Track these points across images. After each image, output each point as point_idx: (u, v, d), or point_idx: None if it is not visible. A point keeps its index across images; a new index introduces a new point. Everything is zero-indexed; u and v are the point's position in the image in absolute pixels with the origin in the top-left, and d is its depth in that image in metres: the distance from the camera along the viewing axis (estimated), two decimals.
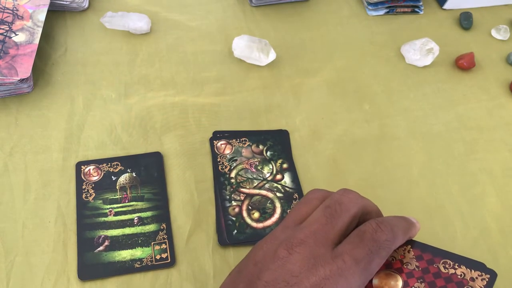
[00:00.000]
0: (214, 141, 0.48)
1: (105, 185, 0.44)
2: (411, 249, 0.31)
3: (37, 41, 0.49)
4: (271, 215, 0.44)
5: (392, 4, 0.61)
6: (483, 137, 0.51)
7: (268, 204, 0.44)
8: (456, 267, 0.29)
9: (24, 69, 0.47)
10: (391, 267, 0.30)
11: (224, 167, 0.46)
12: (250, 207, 0.44)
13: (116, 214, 0.43)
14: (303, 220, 0.30)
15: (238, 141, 0.48)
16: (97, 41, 0.55)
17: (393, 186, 0.47)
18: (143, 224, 0.42)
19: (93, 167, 0.45)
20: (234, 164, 0.47)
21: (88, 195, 0.43)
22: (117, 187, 0.44)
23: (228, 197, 0.44)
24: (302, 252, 0.28)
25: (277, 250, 0.28)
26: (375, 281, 0.30)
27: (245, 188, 0.45)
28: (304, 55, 0.57)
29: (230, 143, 0.48)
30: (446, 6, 0.63)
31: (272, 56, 0.53)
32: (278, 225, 0.31)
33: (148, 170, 0.45)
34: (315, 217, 0.30)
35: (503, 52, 0.59)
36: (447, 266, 0.30)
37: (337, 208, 0.30)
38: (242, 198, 0.45)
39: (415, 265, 0.30)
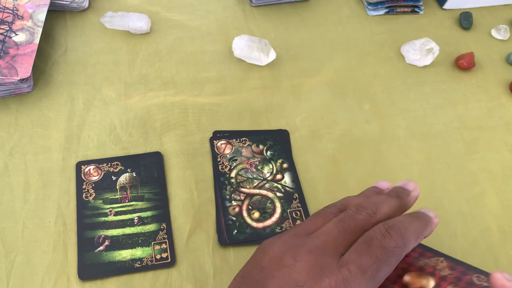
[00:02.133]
0: (214, 141, 0.48)
1: (105, 185, 0.44)
2: (444, 261, 0.30)
3: (37, 41, 0.49)
4: (271, 215, 0.44)
5: (392, 4, 0.61)
6: (483, 137, 0.51)
7: (268, 204, 0.44)
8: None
9: (24, 69, 0.47)
10: (424, 270, 0.29)
11: (224, 167, 0.46)
12: (250, 207, 0.44)
13: (116, 214, 0.43)
14: (314, 232, 0.30)
15: (238, 141, 0.48)
16: (97, 41, 0.55)
17: None
18: (143, 224, 0.42)
19: (93, 167, 0.45)
20: (234, 164, 0.47)
21: (88, 195, 0.43)
22: (117, 187, 0.44)
23: (228, 197, 0.44)
24: (308, 261, 0.27)
25: (283, 257, 0.28)
26: (407, 278, 0.29)
27: (245, 188, 0.45)
28: (304, 55, 0.57)
29: (230, 143, 0.48)
30: (446, 6, 0.63)
31: (272, 56, 0.53)
32: (288, 231, 0.31)
33: (148, 170, 0.45)
34: (327, 229, 0.29)
35: (503, 52, 0.59)
36: (480, 279, 0.28)
37: (351, 224, 0.29)
38: (242, 198, 0.45)
39: (448, 273, 0.29)
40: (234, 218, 0.43)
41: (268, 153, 0.48)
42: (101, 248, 0.41)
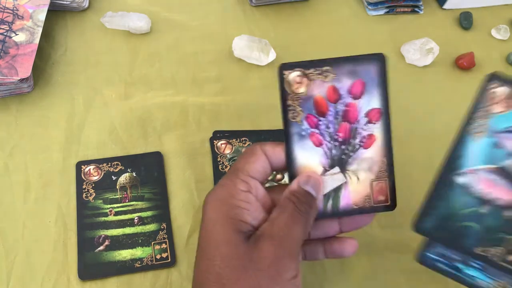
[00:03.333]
0: (214, 141, 0.48)
1: (105, 185, 0.44)
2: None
3: (37, 41, 0.49)
4: None
5: (392, 4, 0.61)
6: None
7: None
8: None
9: (24, 69, 0.47)
10: None
11: (224, 166, 0.46)
12: None
13: (116, 213, 0.43)
14: None
15: (238, 141, 0.48)
16: (97, 41, 0.55)
17: None
18: (143, 223, 0.42)
19: (93, 166, 0.45)
20: None
21: (88, 195, 0.43)
22: (117, 187, 0.44)
23: None
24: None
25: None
26: None
27: None
28: (304, 55, 0.57)
29: (230, 143, 0.48)
30: (446, 6, 0.63)
31: (272, 56, 0.53)
32: None
33: (148, 170, 0.45)
34: None
35: (503, 52, 0.59)
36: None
37: None
38: None
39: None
40: None
41: None
42: (101, 248, 0.41)
